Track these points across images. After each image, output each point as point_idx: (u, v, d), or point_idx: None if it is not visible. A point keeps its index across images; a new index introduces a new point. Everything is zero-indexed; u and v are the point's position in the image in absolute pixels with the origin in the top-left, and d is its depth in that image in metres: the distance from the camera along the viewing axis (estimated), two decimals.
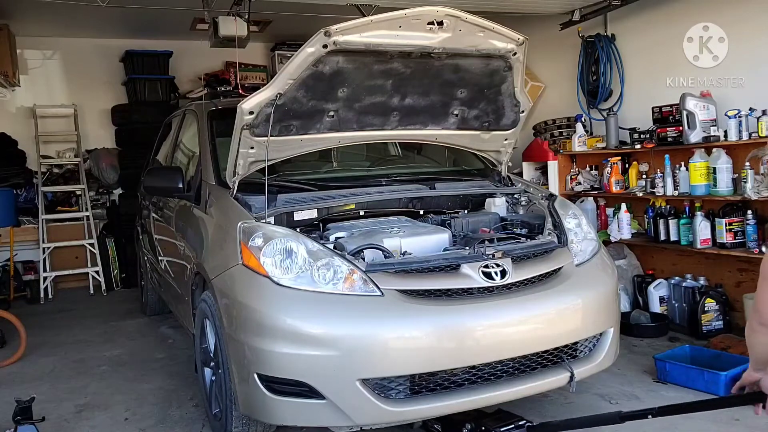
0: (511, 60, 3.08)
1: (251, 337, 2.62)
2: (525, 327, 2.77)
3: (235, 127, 2.93)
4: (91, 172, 7.30)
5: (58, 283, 6.92)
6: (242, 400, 2.71)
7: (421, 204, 3.48)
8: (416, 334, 2.58)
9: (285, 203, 3.09)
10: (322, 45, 2.69)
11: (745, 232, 4.25)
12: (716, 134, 4.40)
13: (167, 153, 4.93)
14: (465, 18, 2.80)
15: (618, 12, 5.54)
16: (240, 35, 5.25)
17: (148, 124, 6.62)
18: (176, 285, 4.00)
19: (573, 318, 2.91)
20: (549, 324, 2.83)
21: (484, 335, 2.67)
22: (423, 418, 2.80)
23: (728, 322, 4.44)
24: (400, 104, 3.18)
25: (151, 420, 3.42)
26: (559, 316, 2.86)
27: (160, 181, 3.83)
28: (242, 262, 2.76)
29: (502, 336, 2.72)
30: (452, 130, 3.45)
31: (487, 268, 2.75)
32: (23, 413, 2.95)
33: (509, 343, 2.73)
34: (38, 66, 7.38)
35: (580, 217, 3.36)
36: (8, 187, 6.86)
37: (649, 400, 3.36)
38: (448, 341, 2.60)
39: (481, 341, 2.66)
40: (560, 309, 2.87)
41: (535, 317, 2.79)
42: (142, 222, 5.41)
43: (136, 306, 6.01)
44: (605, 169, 5.35)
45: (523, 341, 2.76)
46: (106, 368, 4.33)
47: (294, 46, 7.48)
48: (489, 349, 2.67)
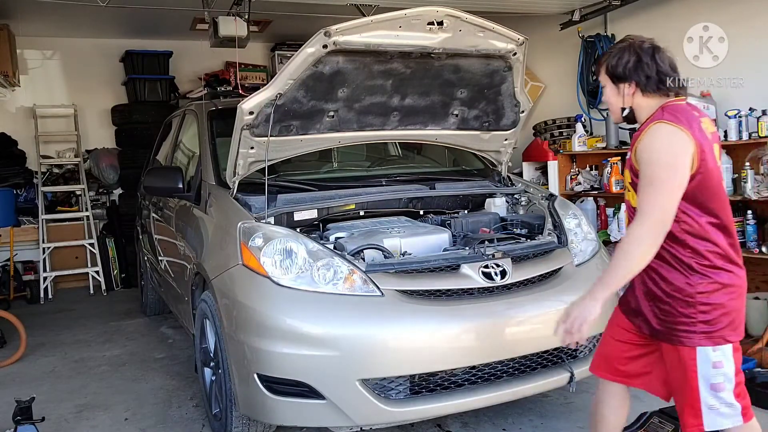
0: (511, 60, 3.08)
1: (251, 338, 2.62)
2: (525, 327, 2.77)
3: (235, 127, 2.93)
4: (91, 172, 7.30)
5: (58, 283, 6.92)
6: (242, 400, 2.71)
7: (421, 204, 3.48)
8: (416, 335, 2.58)
9: (285, 203, 3.09)
10: (322, 45, 2.69)
11: (745, 232, 4.25)
12: None
13: (167, 153, 4.93)
14: (465, 18, 2.80)
15: (618, 12, 5.54)
16: (240, 35, 5.25)
17: (148, 124, 6.63)
18: (176, 285, 4.00)
19: None
20: (549, 324, 2.81)
21: (484, 335, 2.67)
22: (423, 418, 2.80)
23: None
24: (400, 104, 3.18)
25: (151, 420, 3.42)
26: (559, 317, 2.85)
27: (160, 181, 3.83)
28: (242, 262, 2.76)
29: (502, 336, 2.72)
30: (452, 130, 3.46)
31: (487, 269, 2.75)
32: (23, 413, 2.96)
33: (509, 344, 2.73)
34: (38, 66, 7.38)
35: (580, 218, 3.36)
36: (8, 187, 6.86)
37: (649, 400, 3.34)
38: (448, 341, 2.60)
39: (481, 341, 2.66)
40: (560, 309, 2.84)
41: (535, 317, 2.79)
42: (142, 222, 5.41)
43: (136, 306, 6.01)
44: (605, 169, 5.35)
45: (523, 341, 2.76)
46: (106, 368, 4.33)
47: (294, 46, 7.48)
48: (489, 349, 2.67)
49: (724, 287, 1.98)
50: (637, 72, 2.01)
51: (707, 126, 2.02)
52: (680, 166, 1.89)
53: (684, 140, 1.90)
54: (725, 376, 1.97)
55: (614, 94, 2.09)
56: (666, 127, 1.92)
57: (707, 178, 1.94)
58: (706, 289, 1.96)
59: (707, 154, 1.94)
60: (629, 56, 2.02)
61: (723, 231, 1.99)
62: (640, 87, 2.02)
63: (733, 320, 1.99)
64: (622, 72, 2.03)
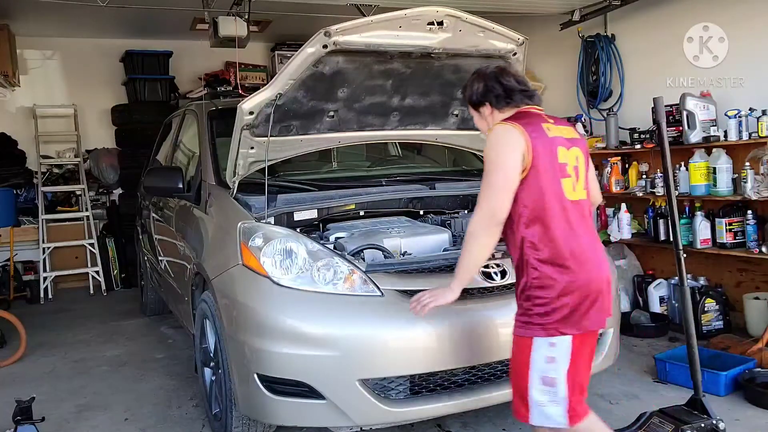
0: (511, 60, 3.07)
1: (251, 338, 2.62)
2: None
3: (235, 127, 2.93)
4: (91, 172, 7.31)
5: (58, 283, 6.92)
6: (242, 400, 2.71)
7: (421, 204, 3.48)
8: (416, 335, 2.57)
9: (285, 203, 3.09)
10: (322, 45, 2.68)
11: (745, 232, 4.25)
12: (716, 134, 4.41)
13: (167, 153, 4.93)
14: (465, 18, 2.80)
15: (618, 12, 5.54)
16: (240, 35, 5.25)
17: (148, 124, 6.62)
18: (176, 285, 4.00)
19: None
20: None
21: (484, 335, 2.67)
22: (423, 418, 2.80)
23: (728, 323, 4.45)
24: (400, 104, 3.18)
25: (151, 420, 3.42)
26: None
27: (160, 181, 3.82)
28: (242, 262, 2.76)
29: (502, 336, 2.71)
30: (452, 130, 3.46)
31: (487, 269, 2.75)
32: (23, 413, 2.96)
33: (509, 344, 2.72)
34: (38, 66, 7.38)
35: None
36: (8, 187, 6.86)
37: (649, 399, 3.36)
38: (448, 341, 2.60)
39: (481, 341, 2.66)
40: None
41: None
42: (142, 222, 5.41)
43: (136, 306, 6.01)
44: (605, 169, 5.35)
45: None
46: (106, 368, 4.33)
47: (294, 46, 7.48)
48: (489, 349, 2.67)
49: (557, 282, 2.05)
50: (486, 95, 2.25)
51: (560, 131, 2.17)
52: (506, 163, 2.05)
53: (514, 137, 2.06)
54: (557, 372, 2.05)
55: (479, 119, 2.34)
56: (499, 127, 2.13)
57: (534, 178, 2.06)
58: (541, 284, 2.07)
59: (541, 155, 2.06)
60: (477, 84, 2.27)
61: (545, 229, 2.07)
62: (493, 106, 2.24)
63: (566, 315, 2.05)
64: (476, 99, 2.28)
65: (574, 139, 2.21)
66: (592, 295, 2.08)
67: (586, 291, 2.07)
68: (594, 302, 2.08)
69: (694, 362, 2.87)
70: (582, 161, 2.20)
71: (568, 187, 2.12)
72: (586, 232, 2.15)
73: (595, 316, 2.09)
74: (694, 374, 2.86)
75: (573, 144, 2.18)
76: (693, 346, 2.88)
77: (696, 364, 2.86)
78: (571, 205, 2.12)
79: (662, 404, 2.98)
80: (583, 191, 2.19)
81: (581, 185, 2.18)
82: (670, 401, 3.07)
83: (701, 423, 2.73)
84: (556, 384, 2.06)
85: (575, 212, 2.13)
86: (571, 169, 2.14)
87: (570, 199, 2.12)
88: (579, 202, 2.16)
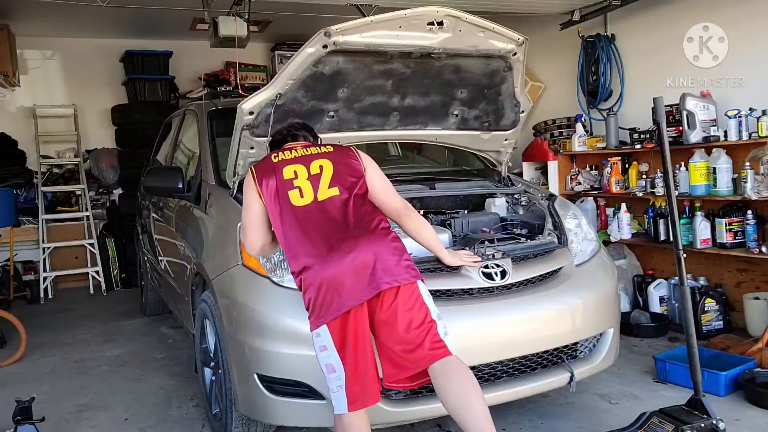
0: (511, 60, 3.08)
1: (251, 338, 2.62)
2: (525, 327, 2.77)
3: (235, 127, 2.93)
4: (91, 172, 7.31)
5: (58, 283, 6.92)
6: (242, 400, 2.71)
7: (421, 204, 3.48)
8: None
9: None
10: (322, 45, 2.68)
11: (745, 232, 4.25)
12: (716, 134, 4.40)
13: (167, 153, 4.93)
14: (465, 18, 2.80)
15: (618, 12, 5.54)
16: (240, 35, 5.25)
17: (148, 124, 6.62)
18: (176, 285, 4.00)
19: (573, 318, 2.91)
20: (549, 324, 2.83)
21: (484, 336, 2.68)
22: (423, 418, 2.80)
23: (728, 322, 4.45)
24: (400, 104, 3.18)
25: (151, 420, 3.42)
26: (559, 317, 2.86)
27: (160, 181, 3.83)
28: (242, 262, 2.76)
29: (502, 336, 2.72)
30: (452, 131, 3.45)
31: (487, 269, 2.75)
32: (23, 413, 2.95)
33: (509, 344, 2.73)
34: (38, 66, 7.38)
35: (580, 218, 3.36)
36: (8, 187, 6.86)
37: (649, 400, 3.36)
38: None
39: (481, 342, 2.66)
40: (560, 309, 2.87)
41: (535, 318, 2.79)
42: (142, 222, 5.41)
43: (136, 306, 6.01)
44: (605, 169, 5.35)
45: (523, 342, 2.76)
46: (106, 368, 4.33)
47: (294, 46, 7.48)
48: (489, 349, 2.67)
49: (305, 278, 2.28)
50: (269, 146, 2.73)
51: (297, 153, 2.46)
52: (249, 198, 2.47)
53: (249, 179, 2.47)
54: (327, 360, 2.25)
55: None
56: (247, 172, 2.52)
57: (267, 201, 2.39)
58: (302, 282, 2.31)
59: (270, 184, 2.39)
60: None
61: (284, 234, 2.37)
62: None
63: (315, 308, 2.25)
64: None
65: (317, 154, 2.47)
66: (335, 284, 2.22)
67: (327, 287, 2.23)
68: (337, 289, 2.21)
69: (694, 362, 2.86)
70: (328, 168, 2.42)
71: (295, 196, 2.36)
72: (330, 228, 2.32)
73: (338, 302, 2.21)
74: (694, 374, 2.86)
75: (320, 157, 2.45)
76: (693, 346, 2.88)
77: (696, 364, 2.86)
78: (302, 209, 2.35)
79: (662, 404, 2.97)
80: (327, 191, 2.38)
81: (324, 188, 2.38)
82: (670, 401, 3.07)
83: (701, 423, 2.73)
84: (332, 371, 2.25)
85: (307, 215, 2.35)
86: (302, 181, 2.38)
87: (298, 205, 2.35)
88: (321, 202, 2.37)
